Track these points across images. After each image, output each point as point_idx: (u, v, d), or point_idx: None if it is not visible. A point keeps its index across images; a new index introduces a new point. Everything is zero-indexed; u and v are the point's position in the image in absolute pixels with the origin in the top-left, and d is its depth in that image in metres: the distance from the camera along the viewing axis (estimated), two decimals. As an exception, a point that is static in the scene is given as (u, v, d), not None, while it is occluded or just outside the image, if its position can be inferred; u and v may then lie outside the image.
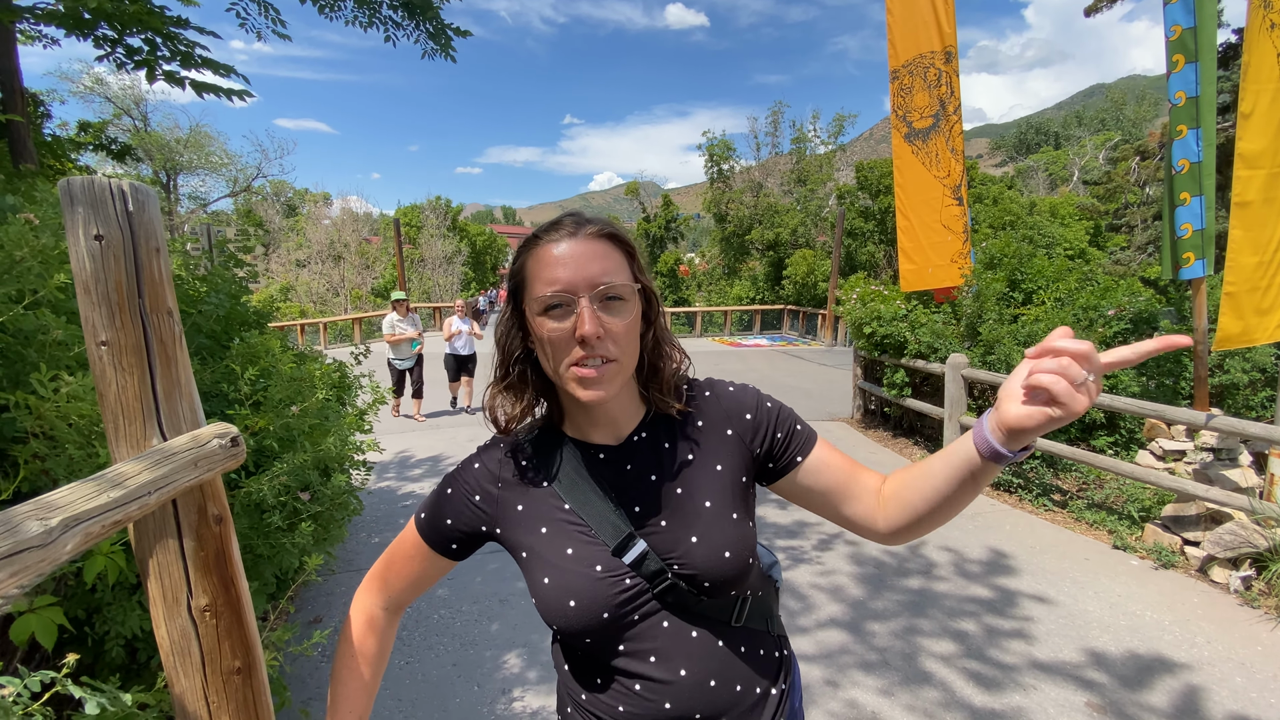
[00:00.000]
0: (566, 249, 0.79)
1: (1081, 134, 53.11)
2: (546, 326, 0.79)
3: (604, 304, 0.78)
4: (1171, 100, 4.82)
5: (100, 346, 0.95)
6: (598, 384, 0.79)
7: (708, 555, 0.84)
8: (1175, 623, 3.23)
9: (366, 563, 3.88)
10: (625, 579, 0.84)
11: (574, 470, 0.89)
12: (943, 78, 6.36)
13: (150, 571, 1.00)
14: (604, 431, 0.90)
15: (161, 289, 1.01)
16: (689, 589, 0.85)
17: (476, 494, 0.91)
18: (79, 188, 0.93)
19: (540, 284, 0.79)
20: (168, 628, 1.02)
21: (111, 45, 2.78)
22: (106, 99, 26.92)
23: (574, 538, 0.86)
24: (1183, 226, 4.71)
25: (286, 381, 1.91)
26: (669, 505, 0.87)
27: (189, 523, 1.02)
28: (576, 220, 0.82)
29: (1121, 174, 21.43)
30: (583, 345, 0.77)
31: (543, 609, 0.86)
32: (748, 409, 0.93)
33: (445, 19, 4.19)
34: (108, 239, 0.93)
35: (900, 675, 2.78)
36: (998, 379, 5.20)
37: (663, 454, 0.90)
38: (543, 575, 0.85)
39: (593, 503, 0.86)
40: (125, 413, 0.97)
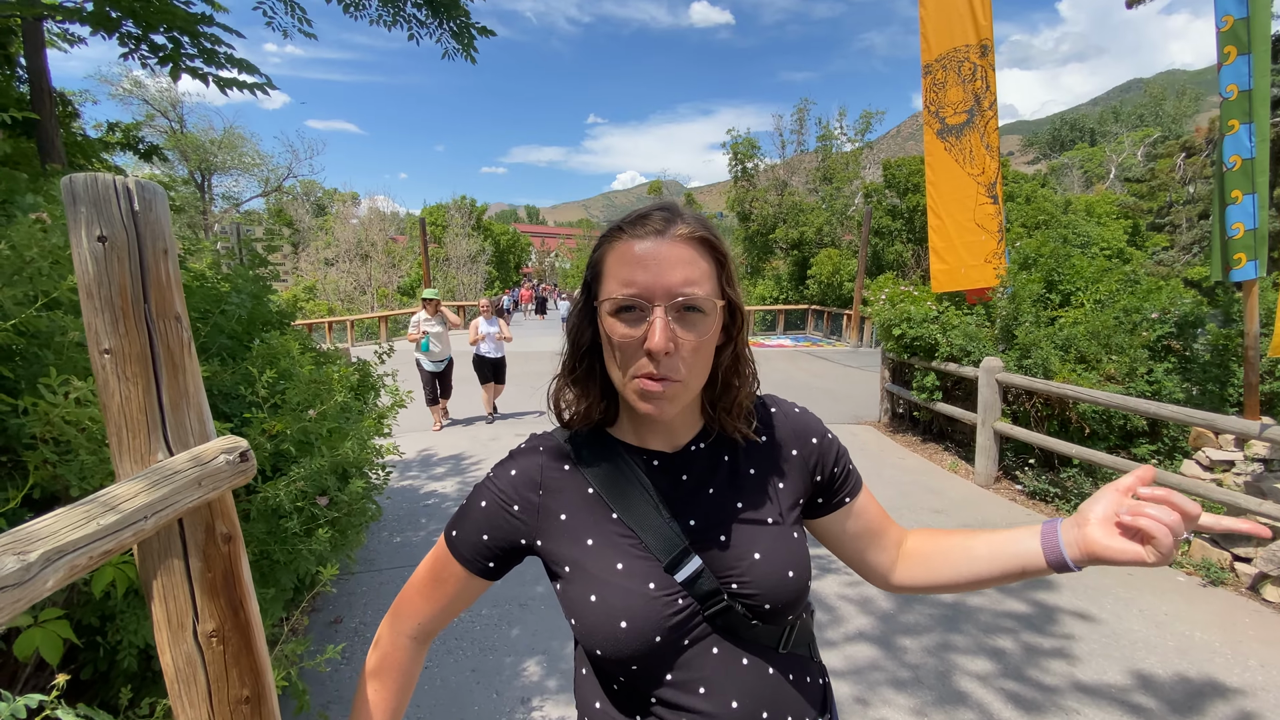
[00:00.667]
0: (650, 248, 0.72)
1: (1119, 130, 51.63)
2: (617, 330, 0.73)
3: (680, 315, 0.72)
4: (1223, 94, 4.62)
5: (103, 355, 0.90)
6: (659, 400, 0.74)
7: (771, 574, 0.79)
8: (1226, 644, 3.06)
9: (387, 563, 3.87)
10: (678, 598, 0.77)
11: (624, 477, 0.82)
12: (978, 72, 6.17)
13: (154, 594, 0.95)
14: (660, 439, 0.85)
15: (169, 293, 0.95)
16: (744, 612, 0.79)
17: (515, 503, 0.83)
18: (81, 185, 0.87)
19: (615, 283, 0.73)
20: (172, 654, 0.96)
21: (136, 42, 2.79)
22: (144, 101, 27.67)
23: (624, 551, 0.79)
24: (1234, 226, 4.50)
25: (305, 384, 1.87)
26: (729, 520, 0.81)
27: (195, 542, 0.96)
28: (667, 215, 0.75)
29: (1166, 171, 20.75)
30: (650, 358, 0.71)
31: (586, 630, 0.78)
32: (814, 434, 0.90)
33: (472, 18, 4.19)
34: (111, 240, 0.88)
35: (934, 695, 2.67)
36: (1034, 384, 5.02)
37: (722, 466, 0.85)
38: (589, 593, 0.78)
39: (645, 513, 0.80)
40: (129, 425, 0.92)
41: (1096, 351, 5.30)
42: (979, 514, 4.76)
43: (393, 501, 4.93)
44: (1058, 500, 4.93)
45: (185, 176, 29.81)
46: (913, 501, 5.01)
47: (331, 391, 1.94)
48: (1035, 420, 5.42)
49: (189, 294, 2.47)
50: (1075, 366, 5.28)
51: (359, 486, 1.97)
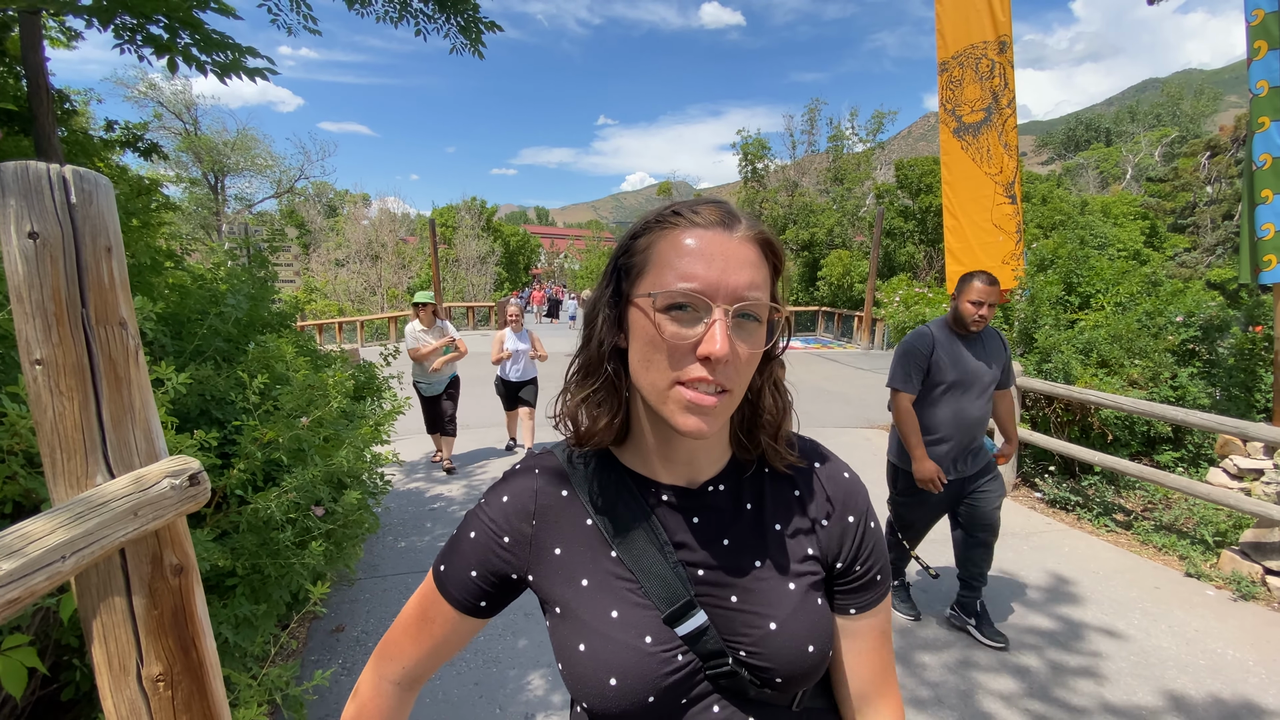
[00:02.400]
0: (714, 242, 0.63)
1: (1135, 130, 50.97)
2: (669, 329, 0.63)
3: (738, 322, 0.63)
4: (1253, 90, 4.48)
5: (35, 365, 0.79)
6: (707, 414, 0.63)
7: (787, 647, 0.70)
8: (1260, 663, 2.93)
9: (391, 569, 3.80)
10: (678, 655, 0.69)
11: (629, 509, 0.73)
12: (996, 69, 6.03)
13: (93, 634, 0.84)
14: (676, 471, 0.74)
15: (112, 296, 0.85)
16: (750, 678, 0.70)
17: (505, 534, 0.74)
18: (10, 175, 0.77)
19: (672, 274, 0.63)
20: (114, 701, 0.85)
21: (131, 33, 2.74)
22: (159, 104, 27.91)
23: (621, 596, 0.71)
24: (1264, 227, 4.36)
25: (300, 390, 1.80)
26: (743, 577, 0.72)
27: (140, 576, 0.85)
28: (729, 210, 0.67)
29: (1189, 170, 20.39)
30: (705, 364, 0.62)
31: (573, 681, 0.70)
32: (854, 512, 0.77)
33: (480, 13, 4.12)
34: (44, 236, 0.78)
35: (956, 715, 2.55)
36: (1055, 389, 4.88)
37: (744, 515, 0.74)
38: (579, 640, 0.70)
39: (648, 554, 0.71)
40: (63, 445, 0.81)
41: (1119, 356, 5.15)
42: (997, 522, 4.62)
43: (398, 505, 4.86)
44: (1079, 509, 4.79)
45: (199, 178, 30.07)
46: (928, 509, 4.88)
47: (327, 397, 1.87)
48: (1055, 426, 5.27)
49: (186, 295, 2.41)
50: (1097, 371, 5.13)
51: (354, 497, 1.90)
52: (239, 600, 1.62)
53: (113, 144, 3.70)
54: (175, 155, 28.31)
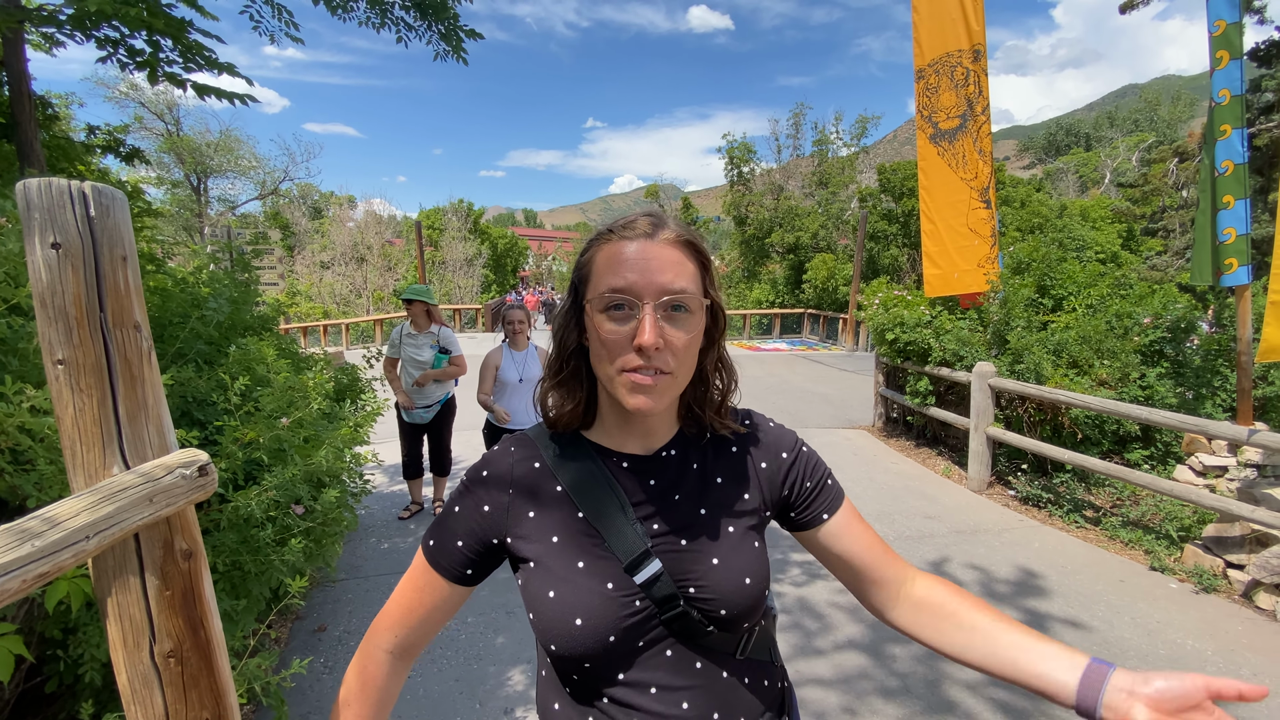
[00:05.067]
0: (639, 249, 0.75)
1: (1114, 135, 51.85)
2: (605, 327, 0.75)
3: (668, 314, 0.74)
4: (1215, 99, 4.61)
5: (57, 365, 0.86)
6: (649, 393, 0.75)
7: (727, 580, 0.80)
8: (1218, 653, 3.04)
9: (374, 570, 3.83)
10: (635, 600, 0.78)
11: (594, 478, 0.83)
12: (970, 77, 6.18)
13: (109, 612, 0.91)
14: (635, 441, 0.86)
15: (127, 301, 0.92)
16: (700, 618, 0.79)
17: (485, 503, 0.83)
18: (35, 191, 0.84)
19: (605, 282, 0.75)
20: (128, 674, 0.92)
21: (114, 46, 2.77)
22: (141, 104, 27.61)
23: (587, 550, 0.80)
24: (1226, 231, 4.49)
25: (280, 391, 1.84)
26: (691, 525, 0.83)
27: (152, 559, 0.93)
28: (654, 220, 0.79)
29: (1158, 176, 20.81)
30: (640, 354, 0.73)
31: (543, 626, 0.79)
32: (785, 448, 0.91)
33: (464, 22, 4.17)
34: (66, 247, 0.85)
35: (923, 704, 2.64)
36: (1026, 389, 5.00)
37: (690, 473, 0.86)
38: (548, 589, 0.79)
39: (610, 513, 0.81)
40: (83, 439, 0.88)
41: (1088, 356, 5.29)
42: (971, 520, 4.73)
43: (380, 507, 4.88)
44: (1050, 506, 4.91)
45: (181, 179, 29.76)
46: (905, 507, 4.99)
47: (308, 398, 1.91)
48: (1028, 425, 5.40)
49: (168, 298, 2.44)
50: (1068, 371, 5.27)
51: (333, 496, 1.94)
52: (219, 596, 1.65)
53: (94, 148, 3.71)
54: (157, 156, 28.02)
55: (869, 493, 5.30)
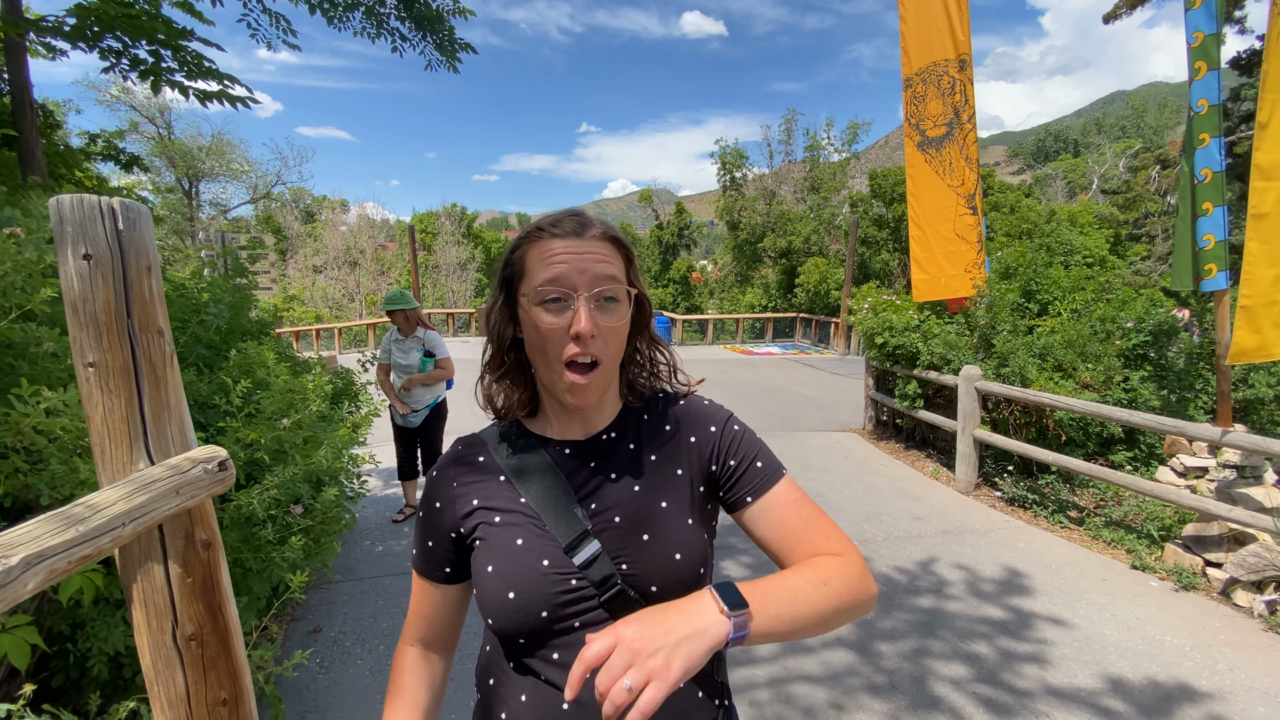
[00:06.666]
0: (570, 245, 0.81)
1: (1101, 141, 52.45)
2: (543, 319, 0.79)
3: (600, 304, 0.80)
4: (1194, 108, 4.72)
5: (87, 368, 0.92)
6: (585, 391, 0.81)
7: (657, 555, 0.82)
8: (1196, 648, 3.12)
9: (368, 572, 3.86)
10: (571, 579, 0.81)
11: (536, 465, 0.88)
12: (957, 85, 6.29)
13: (134, 598, 0.97)
14: (575, 427, 0.90)
15: (152, 308, 0.98)
16: (636, 597, 0.81)
17: (438, 500, 0.89)
18: (68, 206, 0.90)
19: (540, 277, 0.80)
20: (152, 656, 0.99)
21: (117, 56, 2.81)
22: (132, 108, 27.52)
23: (526, 529, 0.84)
24: (1205, 237, 4.60)
25: (280, 394, 1.89)
26: (625, 502, 0.85)
27: (175, 548, 0.99)
28: (581, 220, 0.84)
29: (1141, 183, 21.10)
30: (577, 341, 0.78)
31: (482, 600, 0.82)
32: (714, 423, 0.93)
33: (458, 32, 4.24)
34: (96, 258, 0.90)
35: (908, 700, 2.70)
36: (1012, 392, 5.09)
37: (627, 454, 0.89)
38: (488, 564, 0.83)
39: (550, 496, 0.85)
40: (112, 436, 0.94)
41: (1072, 360, 5.39)
42: (958, 520, 4.81)
43: (375, 510, 4.91)
44: (1036, 506, 5.00)
45: (172, 184, 29.64)
46: (894, 508, 5.06)
47: (307, 400, 1.96)
48: (1014, 428, 5.49)
49: (168, 303, 2.48)
50: (1053, 374, 5.37)
51: (332, 495, 1.99)
52: (221, 594, 1.70)
53: (93, 155, 3.75)
54: (148, 160, 27.91)
55: (858, 494, 5.38)
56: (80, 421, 1.23)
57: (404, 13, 3.76)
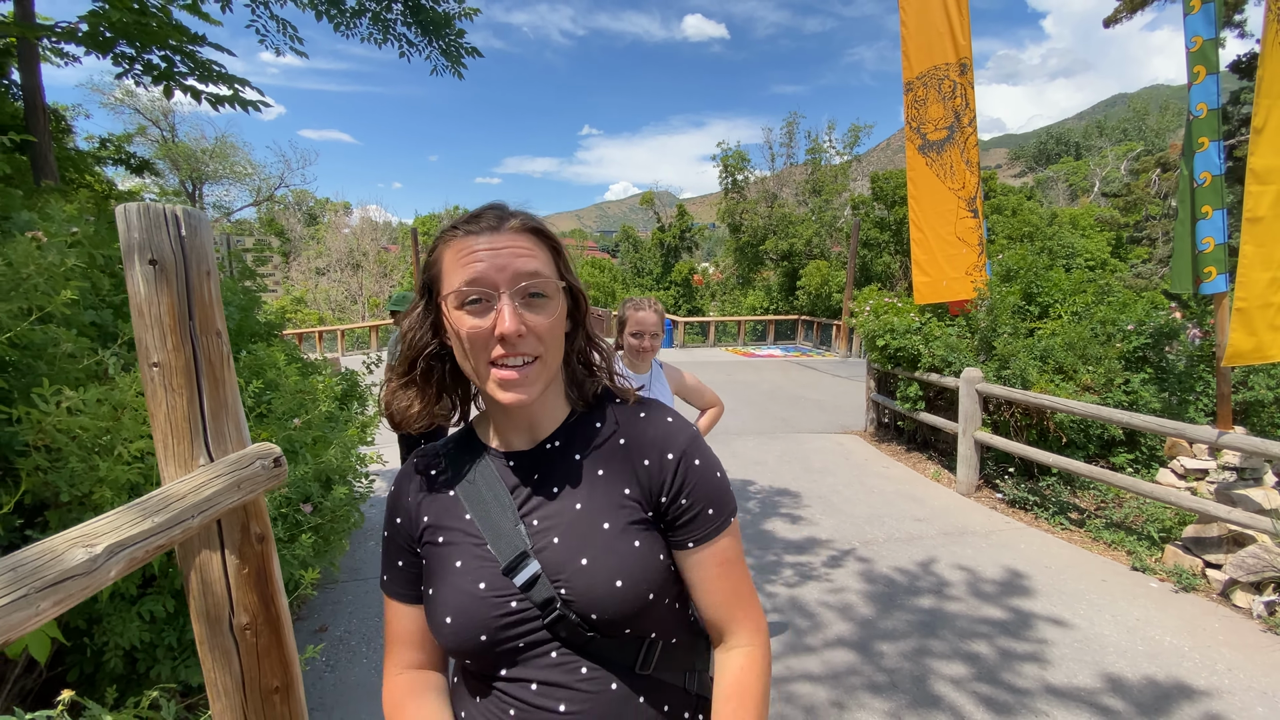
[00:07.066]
0: (488, 242, 0.75)
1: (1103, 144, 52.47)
2: (466, 323, 0.74)
3: (526, 300, 0.75)
4: (1193, 112, 4.75)
5: (152, 368, 0.96)
6: (519, 386, 0.75)
7: (594, 582, 0.76)
8: (1195, 648, 3.14)
9: (372, 572, 3.89)
10: (511, 601, 0.77)
11: (480, 477, 0.83)
12: (957, 89, 6.32)
13: (193, 589, 1.01)
14: (520, 435, 0.85)
15: (211, 311, 1.02)
16: (578, 621, 0.77)
17: (397, 515, 0.87)
18: (135, 214, 0.94)
19: (458, 278, 0.74)
20: (209, 645, 1.03)
21: (130, 62, 2.86)
22: (136, 110, 27.64)
23: (466, 551, 0.81)
24: (1204, 240, 4.62)
25: (290, 394, 1.92)
26: (566, 522, 0.80)
27: (232, 541, 1.03)
28: (499, 213, 0.78)
29: (1142, 186, 21.13)
30: (503, 344, 0.73)
31: (429, 622, 0.82)
32: (673, 449, 0.83)
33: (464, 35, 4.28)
34: (161, 263, 0.94)
35: (909, 698, 2.73)
36: (1012, 394, 5.12)
37: (572, 465, 0.83)
38: (429, 586, 0.82)
39: (492, 514, 0.81)
40: (174, 432, 0.98)
41: (1073, 362, 5.41)
42: (959, 522, 4.83)
43: (378, 513, 4.94)
44: (1036, 508, 5.02)
45: (176, 186, 29.76)
46: (895, 510, 5.09)
47: (316, 401, 1.99)
48: (1015, 430, 5.51)
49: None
50: (1053, 377, 5.39)
51: (342, 493, 2.02)
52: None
53: (104, 159, 3.79)
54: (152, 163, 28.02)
55: (860, 496, 5.40)
56: (99, 420, 1.26)
57: (410, 18, 3.80)
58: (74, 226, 1.54)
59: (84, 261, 1.54)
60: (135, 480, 1.31)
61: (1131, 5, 9.88)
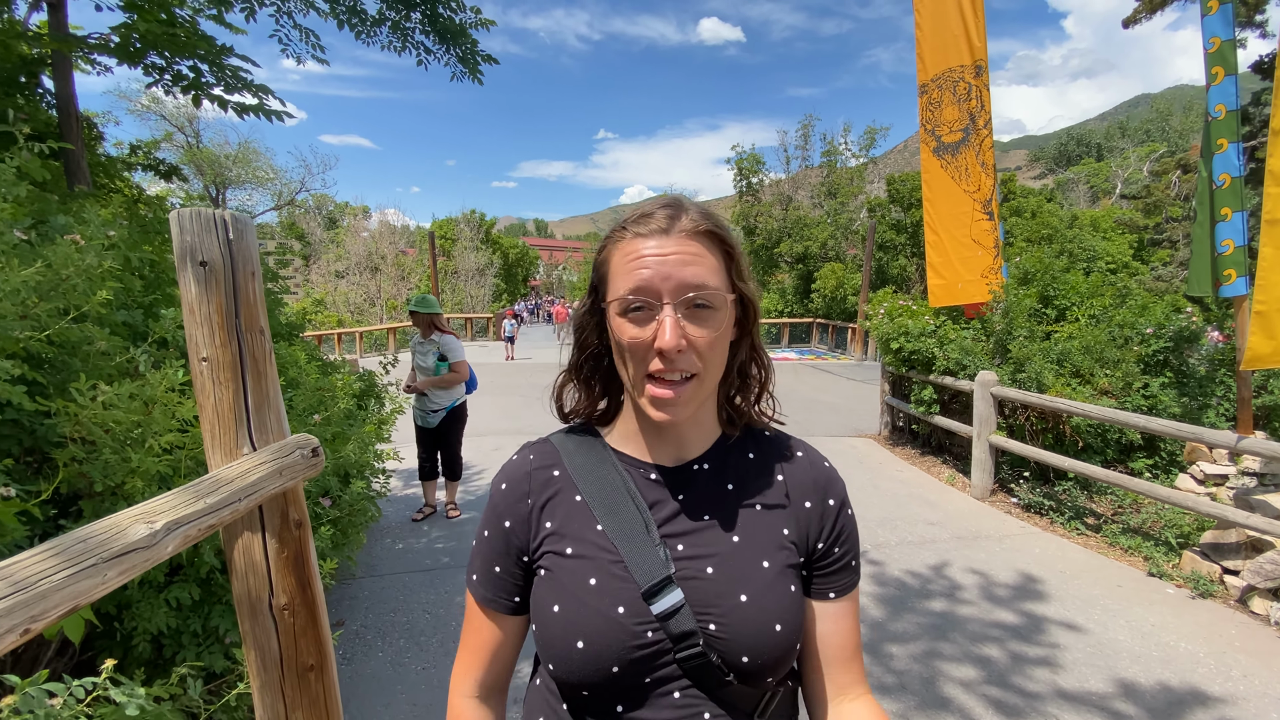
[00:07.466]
0: (656, 247, 0.69)
1: (1125, 145, 51.66)
2: (626, 331, 0.70)
3: (690, 311, 0.69)
4: (1211, 114, 4.71)
5: (201, 362, 1.03)
6: (672, 405, 0.70)
7: (754, 622, 0.71)
8: (1210, 654, 3.10)
9: (389, 569, 3.97)
10: (648, 631, 0.70)
11: (615, 487, 0.77)
12: (973, 91, 6.30)
13: (236, 569, 1.08)
14: (664, 450, 0.79)
15: (255, 309, 1.08)
16: (719, 663, 0.70)
17: (507, 519, 0.79)
18: (187, 219, 1.00)
19: (621, 283, 0.70)
20: (250, 623, 1.10)
21: (160, 72, 2.97)
22: (162, 117, 28.24)
23: (602, 567, 0.73)
24: (1224, 242, 4.57)
25: (311, 391, 1.99)
26: (720, 553, 0.74)
27: (273, 526, 1.10)
28: (671, 212, 0.71)
29: (1162, 188, 20.80)
30: (661, 358, 0.68)
31: (543, 641, 0.73)
32: (834, 496, 0.81)
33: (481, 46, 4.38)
34: (211, 265, 1.01)
35: (917, 700, 2.73)
36: (1028, 397, 5.08)
37: (725, 494, 0.78)
38: (554, 602, 0.73)
39: (632, 530, 0.74)
40: (221, 423, 1.05)
41: (1090, 366, 5.36)
42: (973, 526, 4.81)
43: (395, 510, 5.02)
44: (1052, 513, 4.97)
45: (200, 191, 30.37)
46: (908, 513, 5.07)
47: (335, 399, 2.06)
48: (1030, 434, 5.47)
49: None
50: (1070, 380, 5.34)
51: (359, 487, 2.08)
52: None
53: (134, 165, 3.93)
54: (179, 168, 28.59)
55: (873, 499, 5.38)
56: (131, 414, 1.33)
57: (428, 27, 3.89)
58: (110, 230, 1.62)
59: (119, 264, 1.62)
60: (165, 471, 1.37)
61: (1150, 6, 9.76)
